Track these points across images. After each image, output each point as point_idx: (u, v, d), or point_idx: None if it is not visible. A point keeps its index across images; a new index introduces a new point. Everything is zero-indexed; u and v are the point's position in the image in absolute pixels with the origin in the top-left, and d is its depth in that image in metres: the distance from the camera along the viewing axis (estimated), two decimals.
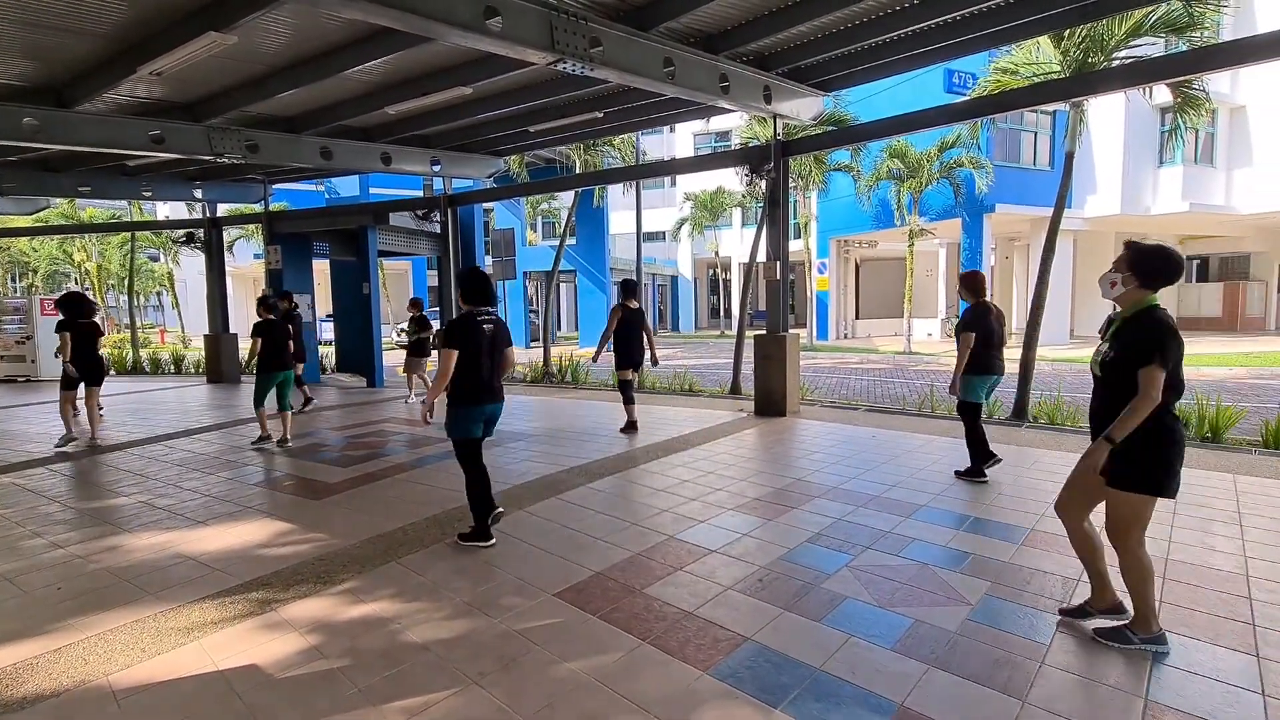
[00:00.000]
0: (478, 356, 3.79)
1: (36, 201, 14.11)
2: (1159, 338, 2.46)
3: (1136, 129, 18.99)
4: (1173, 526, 3.96)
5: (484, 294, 3.88)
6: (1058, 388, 9.42)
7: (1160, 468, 2.54)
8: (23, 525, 4.47)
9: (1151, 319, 2.52)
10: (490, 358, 3.85)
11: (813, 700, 2.35)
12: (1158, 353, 2.44)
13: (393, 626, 2.94)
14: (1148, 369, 2.44)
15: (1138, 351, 2.49)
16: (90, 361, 6.98)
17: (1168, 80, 6.64)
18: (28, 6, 5.36)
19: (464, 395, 3.81)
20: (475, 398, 3.81)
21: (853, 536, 3.87)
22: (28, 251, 32.98)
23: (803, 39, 6.66)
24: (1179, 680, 2.45)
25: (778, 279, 7.98)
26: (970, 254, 18.79)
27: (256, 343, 6.66)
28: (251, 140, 8.63)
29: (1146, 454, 2.53)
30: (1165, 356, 2.44)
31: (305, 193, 24.43)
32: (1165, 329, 2.47)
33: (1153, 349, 2.45)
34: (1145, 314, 2.55)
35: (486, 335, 3.81)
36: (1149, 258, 2.55)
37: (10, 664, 2.71)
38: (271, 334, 6.71)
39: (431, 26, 4.83)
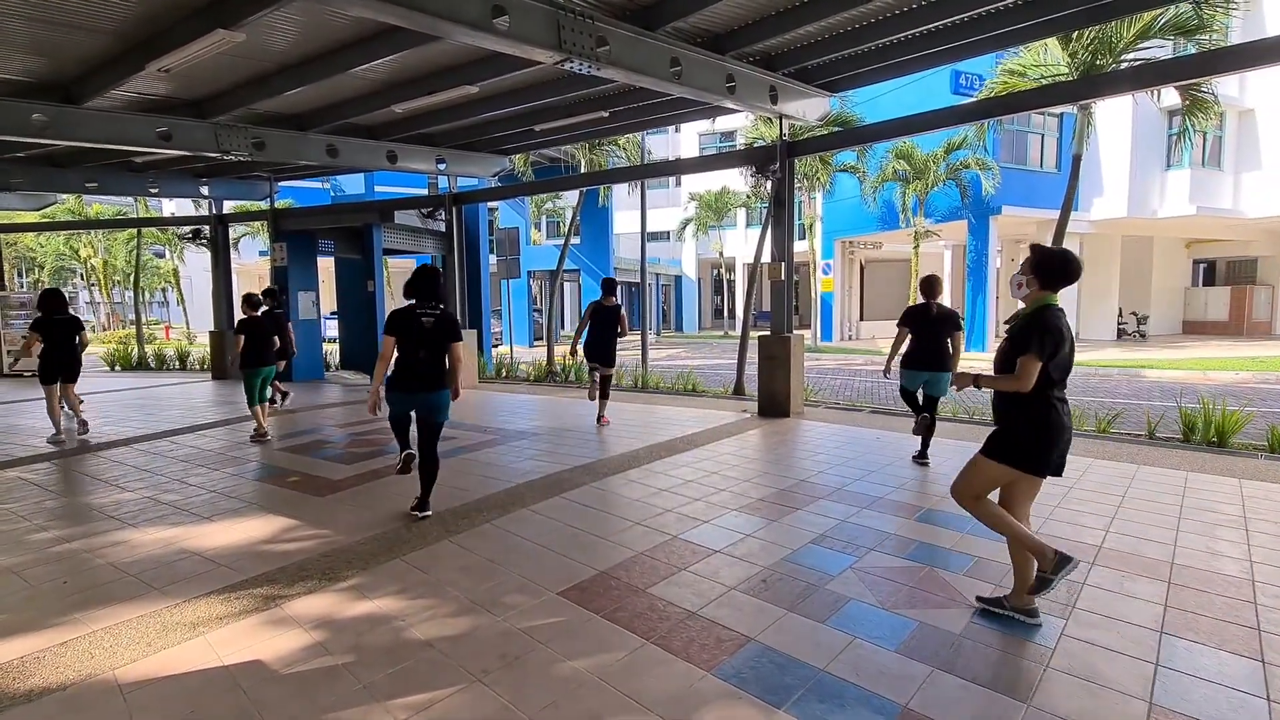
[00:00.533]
0: (412, 347, 4.09)
1: (44, 197, 14.18)
2: (1040, 332, 2.70)
3: (1144, 132, 18.91)
4: (1178, 531, 3.94)
5: (425, 291, 4.15)
6: None
7: (1025, 447, 2.82)
8: (29, 519, 4.49)
9: (1040, 316, 2.74)
10: (428, 350, 4.11)
11: (816, 701, 2.35)
12: (1036, 344, 2.68)
13: (397, 623, 2.94)
14: (1025, 357, 2.70)
15: (1021, 341, 2.73)
16: (67, 357, 7.09)
17: (1176, 83, 6.63)
18: (37, 3, 5.39)
19: (393, 380, 4.19)
20: (404, 384, 4.15)
21: (857, 538, 3.86)
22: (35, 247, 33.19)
23: (810, 39, 6.65)
24: (1184, 685, 2.44)
25: (782, 280, 7.98)
26: (976, 256, 18.74)
27: (240, 340, 6.81)
28: (258, 138, 8.65)
29: (1017, 433, 2.83)
30: (1043, 348, 2.68)
31: (311, 190, 24.49)
32: (1049, 326, 2.70)
33: (1031, 340, 2.69)
34: (1038, 311, 2.77)
35: (424, 328, 4.08)
36: (1049, 261, 2.79)
37: (17, 657, 2.72)
38: (255, 331, 6.87)
39: (438, 25, 4.84)
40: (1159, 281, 22.84)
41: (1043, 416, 2.77)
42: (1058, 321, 2.72)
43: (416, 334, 4.08)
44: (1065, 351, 2.73)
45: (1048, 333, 2.69)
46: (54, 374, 7.08)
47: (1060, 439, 2.79)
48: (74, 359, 7.20)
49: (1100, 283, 21.22)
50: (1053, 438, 2.77)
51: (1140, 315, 21.79)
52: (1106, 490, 4.77)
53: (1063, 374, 2.78)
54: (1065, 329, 2.74)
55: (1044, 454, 2.79)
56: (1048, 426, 2.77)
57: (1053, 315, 2.73)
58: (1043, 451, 2.79)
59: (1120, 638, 2.76)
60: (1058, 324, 2.71)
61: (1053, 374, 2.74)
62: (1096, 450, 5.98)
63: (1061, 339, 2.70)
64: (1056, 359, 2.71)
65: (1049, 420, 2.77)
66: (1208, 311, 22.94)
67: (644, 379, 11.13)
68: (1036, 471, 2.83)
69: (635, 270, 23.16)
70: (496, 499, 4.72)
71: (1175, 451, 5.94)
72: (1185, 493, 4.70)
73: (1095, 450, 5.98)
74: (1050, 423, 2.77)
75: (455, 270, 11.32)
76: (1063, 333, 2.71)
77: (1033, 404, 2.77)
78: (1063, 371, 2.77)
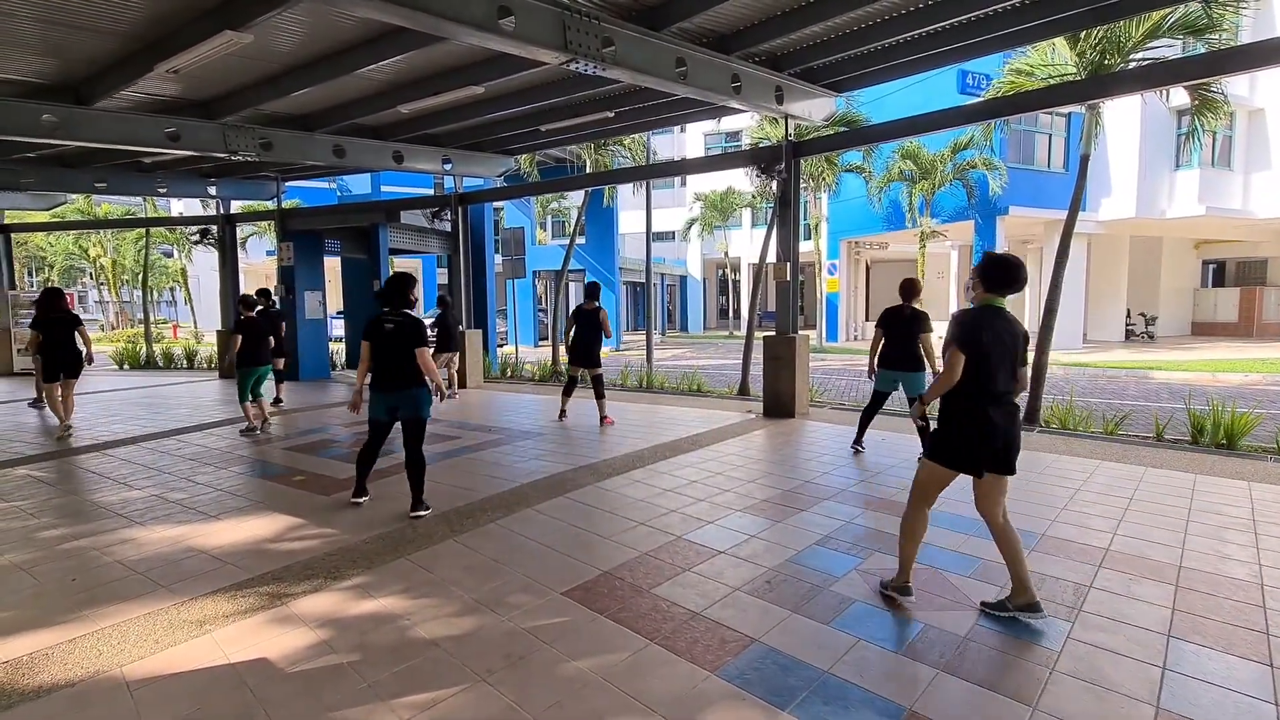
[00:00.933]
0: (379, 351, 4.38)
1: (54, 197, 14.28)
2: (963, 326, 2.83)
3: (1153, 131, 18.78)
4: (1186, 534, 3.91)
5: (390, 298, 4.42)
6: (1070, 391, 9.35)
7: (950, 444, 2.90)
8: (38, 517, 4.53)
9: (968, 313, 2.88)
10: (391, 353, 4.34)
11: (820, 703, 2.34)
12: (958, 336, 2.82)
13: (402, 622, 2.95)
14: (951, 350, 2.84)
15: (950, 336, 2.86)
16: (68, 355, 7.18)
17: (1185, 83, 6.57)
18: (48, 4, 5.43)
19: (373, 383, 4.47)
20: (381, 385, 4.42)
21: (862, 539, 3.85)
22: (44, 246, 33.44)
23: (816, 39, 6.64)
24: (1192, 689, 2.42)
25: (787, 280, 7.96)
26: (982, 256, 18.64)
27: (236, 339, 6.98)
28: (265, 138, 8.69)
29: (943, 430, 2.93)
30: (965, 342, 2.80)
31: (318, 190, 24.57)
32: (974, 321, 2.83)
33: (956, 334, 2.83)
34: (970, 310, 2.92)
35: (386, 333, 4.34)
36: (994, 268, 2.90)
37: (27, 653, 2.75)
38: (251, 331, 7.06)
39: (443, 25, 4.84)
40: (1168, 282, 22.69)
41: (970, 414, 2.84)
42: (986, 318, 2.83)
43: (382, 339, 4.36)
44: (990, 346, 2.79)
45: (971, 326, 2.81)
46: (55, 372, 7.17)
47: (992, 436, 2.82)
48: (75, 356, 7.27)
49: (1108, 283, 21.08)
50: (982, 435, 2.82)
51: (1149, 316, 21.65)
52: (1114, 492, 4.74)
53: (993, 371, 2.80)
54: (998, 327, 2.82)
55: (973, 452, 2.84)
56: (975, 423, 2.83)
57: (984, 313, 2.85)
58: (971, 449, 2.85)
59: (1127, 641, 2.74)
60: (984, 320, 2.82)
61: (981, 370, 2.80)
62: (1103, 452, 5.94)
63: (981, 332, 2.79)
64: (981, 353, 2.79)
65: (976, 417, 2.82)
66: (1217, 313, 22.77)
67: (649, 379, 11.13)
68: (968, 470, 2.87)
69: (640, 270, 23.16)
70: (501, 499, 4.73)
71: (1183, 454, 5.90)
72: (1193, 495, 4.66)
73: (1102, 452, 5.94)
74: (977, 419, 2.82)
75: (461, 270, 11.33)
76: (987, 328, 2.80)
77: (962, 402, 2.85)
78: (993, 368, 2.80)
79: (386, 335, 4.34)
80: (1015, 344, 2.86)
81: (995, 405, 2.83)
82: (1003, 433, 2.83)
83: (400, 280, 4.42)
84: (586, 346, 7.50)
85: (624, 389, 10.69)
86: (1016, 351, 2.86)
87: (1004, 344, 2.81)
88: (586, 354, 7.53)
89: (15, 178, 11.21)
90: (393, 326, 4.34)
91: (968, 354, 2.79)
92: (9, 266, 14.41)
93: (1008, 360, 2.83)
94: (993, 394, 2.82)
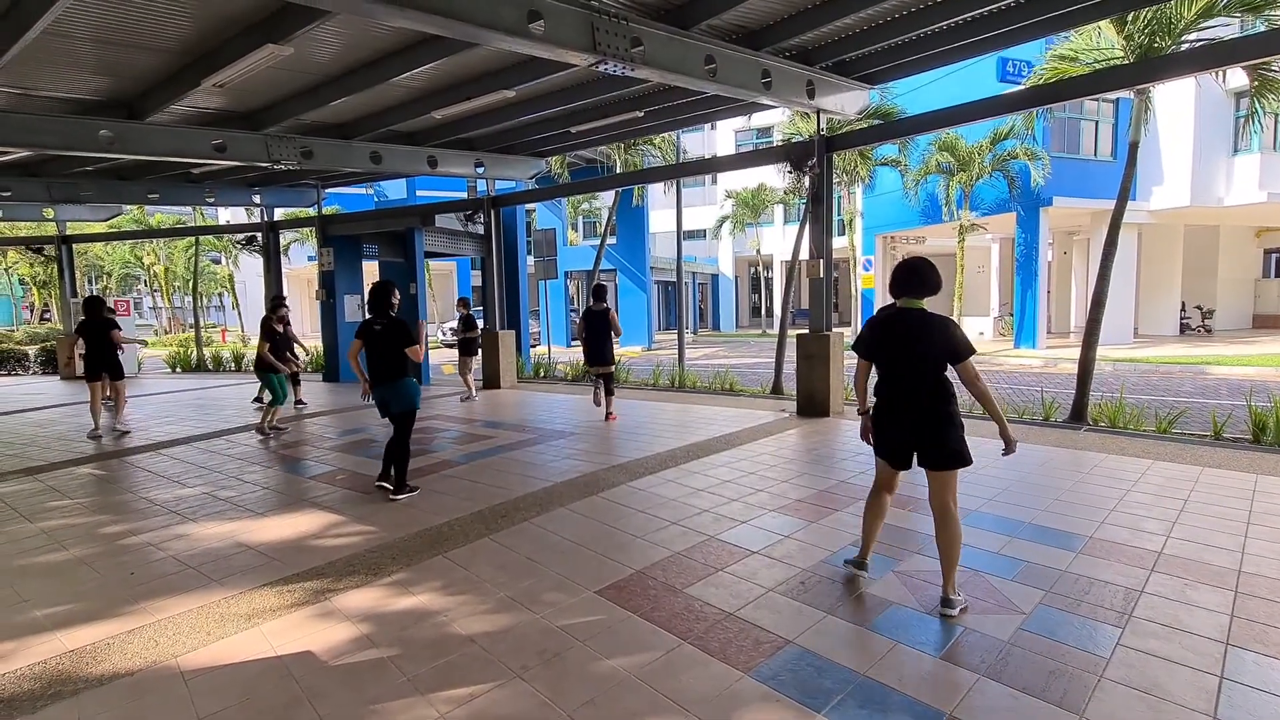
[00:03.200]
0: (370, 350, 4.85)
1: (110, 208, 14.99)
2: (862, 328, 3.17)
3: (1208, 115, 17.90)
4: (1247, 537, 3.73)
5: (375, 305, 4.90)
6: (1120, 389, 8.99)
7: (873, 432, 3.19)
8: (100, 513, 4.77)
9: (872, 316, 3.12)
10: (382, 352, 4.81)
11: (856, 706, 2.31)
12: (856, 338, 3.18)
13: (439, 618, 3.02)
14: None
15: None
16: (106, 356, 7.61)
17: (1243, 63, 6.24)
18: (102, 25, 5.71)
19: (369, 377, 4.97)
20: (372, 379, 4.90)
21: (898, 541, 3.77)
22: (102, 256, 35.11)
23: (848, 31, 6.52)
24: (1252, 700, 2.31)
25: (821, 277, 7.85)
26: (1025, 249, 18.05)
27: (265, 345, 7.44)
28: (306, 147, 8.97)
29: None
30: (856, 340, 3.17)
31: (356, 196, 25.24)
32: (867, 323, 3.13)
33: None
34: (878, 311, 3.13)
35: (376, 334, 4.81)
36: (894, 272, 3.07)
37: (90, 643, 2.89)
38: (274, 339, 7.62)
39: (476, 32, 4.92)
40: (1226, 273, 21.60)
41: (876, 408, 3.13)
42: (882, 317, 3.06)
43: (371, 340, 4.84)
44: (878, 344, 3.05)
45: (866, 330, 3.13)
46: (96, 371, 7.63)
47: (882, 427, 3.08)
48: (111, 358, 7.66)
49: (1160, 275, 20.20)
50: (878, 426, 3.12)
51: (1205, 309, 20.66)
52: (1167, 493, 4.55)
53: (888, 366, 3.04)
54: (894, 325, 2.99)
55: (880, 441, 3.14)
56: (875, 414, 3.13)
57: (884, 312, 3.07)
58: (877, 441, 3.16)
59: (1181, 648, 2.63)
60: (879, 319, 3.07)
61: (879, 367, 3.10)
62: (1156, 451, 5.70)
63: (868, 332, 3.10)
64: (870, 350, 3.10)
65: (876, 408, 3.12)
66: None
67: (681, 378, 11.11)
68: (878, 453, 3.17)
69: (671, 269, 23.13)
70: (535, 497, 4.78)
71: (1244, 453, 5.62)
72: (1255, 497, 4.44)
73: (1155, 451, 5.70)
74: (876, 410, 3.11)
75: (494, 272, 11.50)
76: (880, 327, 3.04)
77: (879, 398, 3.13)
78: (886, 364, 3.05)
79: (376, 336, 4.83)
80: (915, 345, 2.94)
81: (893, 397, 3.04)
82: (895, 426, 3.04)
83: (380, 288, 4.96)
84: (601, 347, 7.69)
85: (656, 388, 10.70)
86: (914, 351, 2.95)
87: (897, 341, 2.98)
88: (602, 354, 7.71)
89: (75, 191, 11.83)
90: (381, 328, 4.82)
91: (858, 353, 3.17)
92: (71, 276, 15.18)
93: (905, 360, 2.97)
94: (899, 390, 3.02)
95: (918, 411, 2.96)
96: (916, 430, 2.97)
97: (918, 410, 2.96)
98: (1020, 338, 18.08)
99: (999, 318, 21.93)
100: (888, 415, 3.06)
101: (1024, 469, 5.30)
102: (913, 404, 2.97)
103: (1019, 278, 18.30)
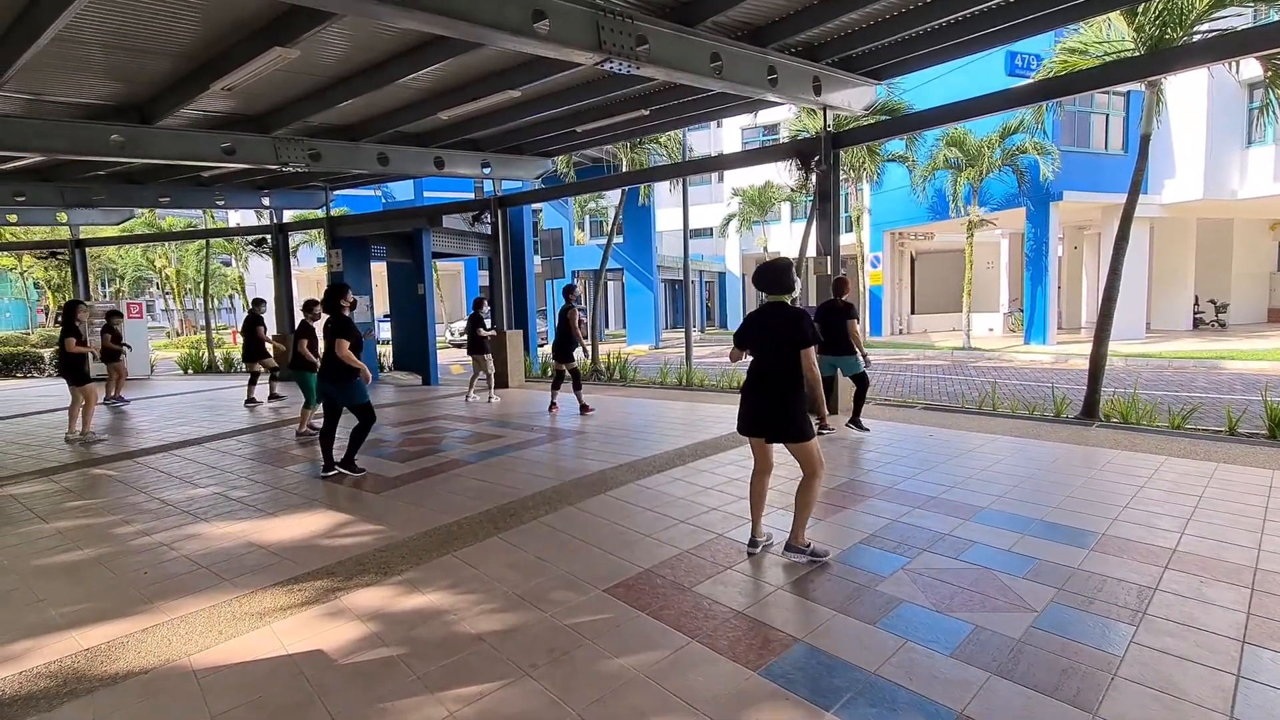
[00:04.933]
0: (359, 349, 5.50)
1: (122, 212, 15.13)
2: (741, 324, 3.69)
3: (1221, 107, 17.66)
4: (1263, 534, 3.68)
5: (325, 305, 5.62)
6: (1133, 384, 8.90)
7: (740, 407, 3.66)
8: (114, 514, 4.82)
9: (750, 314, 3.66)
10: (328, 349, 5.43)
11: (866, 705, 2.30)
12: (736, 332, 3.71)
13: (449, 617, 3.03)
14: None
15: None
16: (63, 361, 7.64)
17: (1257, 53, 6.16)
18: (112, 30, 5.76)
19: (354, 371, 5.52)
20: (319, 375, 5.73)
21: (909, 538, 3.75)
22: (115, 259, 35.48)
23: (854, 27, 6.48)
24: (1270, 699, 2.28)
25: (829, 274, 7.81)
26: (1035, 245, 17.89)
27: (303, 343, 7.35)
28: (314, 149, 9.02)
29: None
30: (735, 335, 3.70)
31: (364, 198, 25.36)
32: (746, 320, 3.67)
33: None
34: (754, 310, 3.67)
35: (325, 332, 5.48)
36: (757, 273, 3.59)
37: (104, 642, 2.92)
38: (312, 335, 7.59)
39: (482, 32, 4.93)
40: (1240, 266, 21.31)
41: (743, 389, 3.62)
42: (757, 313, 3.59)
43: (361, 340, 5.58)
44: (750, 336, 3.58)
45: (742, 325, 3.64)
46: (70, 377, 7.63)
47: (745, 404, 3.58)
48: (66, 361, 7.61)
49: (1173, 269, 19.96)
50: (742, 402, 3.60)
51: (1219, 303, 20.40)
52: (1181, 490, 4.49)
53: (756, 353, 3.57)
54: (764, 319, 3.51)
55: (740, 417, 3.62)
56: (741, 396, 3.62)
57: (760, 308, 3.59)
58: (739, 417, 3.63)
59: (1197, 646, 2.60)
60: (753, 315, 3.60)
61: (751, 353, 3.61)
62: (1169, 447, 5.64)
63: (746, 326, 3.61)
64: (746, 341, 3.61)
65: (742, 391, 3.61)
66: None
67: (688, 376, 11.09)
68: (740, 430, 3.62)
69: (678, 268, 23.09)
70: (543, 496, 4.79)
71: (1260, 449, 5.54)
72: (1271, 493, 4.38)
73: (1168, 447, 5.64)
74: (744, 390, 3.61)
75: (501, 272, 11.53)
76: (753, 321, 3.58)
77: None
78: (755, 351, 3.58)
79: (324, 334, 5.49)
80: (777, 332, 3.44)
81: (755, 378, 3.54)
82: (750, 402, 3.54)
83: (331, 290, 5.59)
84: (563, 345, 8.19)
85: (663, 386, 10.69)
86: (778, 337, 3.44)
87: (761, 331, 3.51)
88: (565, 352, 8.19)
89: (88, 195, 11.95)
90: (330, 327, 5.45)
91: (736, 343, 3.69)
92: (85, 279, 15.35)
93: (760, 342, 3.53)
94: (761, 373, 3.52)
95: (771, 388, 3.48)
96: (767, 406, 3.48)
97: (770, 387, 3.48)
98: (1030, 334, 17.92)
99: (1009, 314, 21.75)
100: (749, 393, 3.56)
101: (1035, 466, 5.26)
102: (770, 382, 3.49)
103: (1029, 273, 18.15)
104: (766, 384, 3.48)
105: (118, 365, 10.69)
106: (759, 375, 3.52)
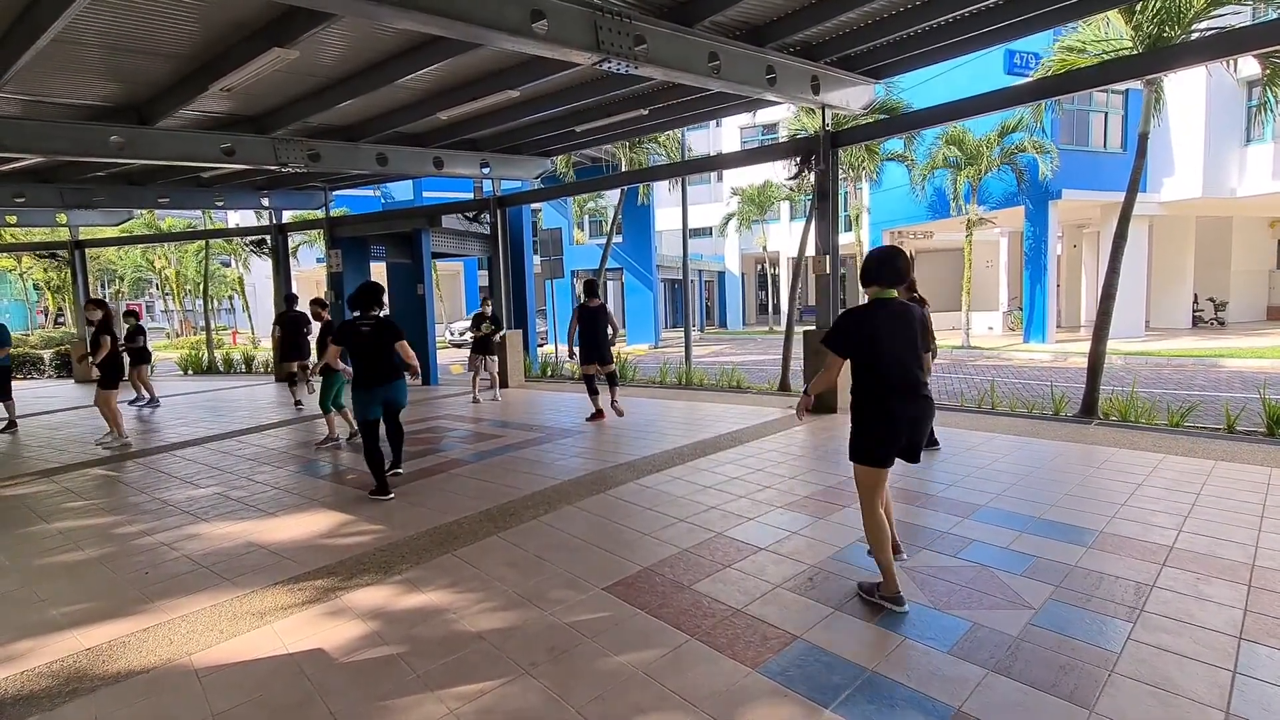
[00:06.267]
0: (361, 353, 4.80)
1: (122, 213, 15.16)
2: (834, 328, 2.98)
3: (1219, 105, 17.67)
4: (1260, 531, 3.69)
5: (361, 304, 4.84)
6: (1131, 382, 8.91)
7: (856, 442, 2.99)
8: (114, 514, 4.83)
9: (846, 312, 3.00)
10: (375, 352, 4.80)
11: (865, 701, 2.31)
12: (829, 338, 2.98)
13: (448, 616, 3.04)
14: (824, 351, 3.02)
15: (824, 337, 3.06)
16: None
17: (1255, 52, 6.18)
18: (112, 31, 5.77)
19: (358, 382, 4.86)
20: (366, 384, 4.81)
21: (907, 536, 3.76)
22: (115, 261, 35.48)
23: (852, 26, 6.49)
24: (1267, 695, 2.29)
25: (828, 273, 7.83)
26: (1034, 243, 17.91)
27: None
28: (313, 150, 9.03)
29: (853, 429, 3.01)
30: (833, 341, 2.96)
31: (363, 198, 25.38)
32: (845, 320, 2.95)
33: (827, 335, 3.01)
34: (852, 307, 3.01)
35: (366, 336, 4.77)
36: (864, 262, 3.01)
37: (106, 641, 2.94)
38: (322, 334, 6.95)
39: (480, 33, 4.94)
40: (1239, 264, 21.32)
41: (864, 409, 2.95)
42: (861, 313, 2.91)
43: (359, 342, 4.77)
44: (868, 342, 2.88)
45: (839, 329, 2.95)
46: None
47: (891, 429, 2.90)
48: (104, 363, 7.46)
49: (1172, 267, 19.97)
50: (877, 430, 2.92)
51: (1218, 301, 20.41)
52: (1180, 487, 4.51)
53: (880, 364, 2.89)
54: (877, 321, 2.87)
55: (871, 446, 2.94)
56: (870, 419, 2.93)
57: (861, 308, 2.94)
58: (869, 444, 2.94)
59: (1194, 643, 2.61)
60: (857, 316, 2.91)
61: (865, 365, 2.92)
62: (1168, 445, 5.65)
63: (849, 331, 2.91)
64: (859, 349, 2.90)
65: (870, 413, 2.93)
66: None
67: (688, 376, 11.11)
68: (871, 463, 2.95)
69: (678, 267, 23.10)
70: (543, 496, 4.80)
71: (1258, 447, 5.56)
72: (1269, 490, 4.39)
73: (1167, 445, 5.65)
74: (870, 415, 2.93)
75: (501, 271, 11.54)
76: (861, 324, 2.88)
77: (857, 398, 2.97)
78: (878, 361, 2.89)
79: (364, 338, 4.77)
80: (909, 332, 2.91)
81: (895, 395, 2.89)
82: (905, 422, 2.91)
83: (368, 288, 4.92)
84: (600, 345, 7.33)
85: (663, 386, 10.70)
86: (913, 339, 2.92)
87: (888, 336, 2.87)
88: (603, 352, 7.38)
89: (87, 196, 11.96)
90: (369, 329, 4.79)
91: (842, 354, 2.96)
92: (85, 280, 15.35)
93: (892, 351, 2.88)
94: (893, 385, 2.89)
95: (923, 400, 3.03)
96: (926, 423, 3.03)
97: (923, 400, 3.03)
98: (1030, 332, 17.94)
99: (1008, 312, 21.77)
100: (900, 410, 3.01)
101: (1034, 463, 5.27)
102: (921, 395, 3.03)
103: (1028, 272, 18.16)
104: (921, 397, 2.93)
105: (140, 368, 10.70)
106: (907, 387, 2.89)
